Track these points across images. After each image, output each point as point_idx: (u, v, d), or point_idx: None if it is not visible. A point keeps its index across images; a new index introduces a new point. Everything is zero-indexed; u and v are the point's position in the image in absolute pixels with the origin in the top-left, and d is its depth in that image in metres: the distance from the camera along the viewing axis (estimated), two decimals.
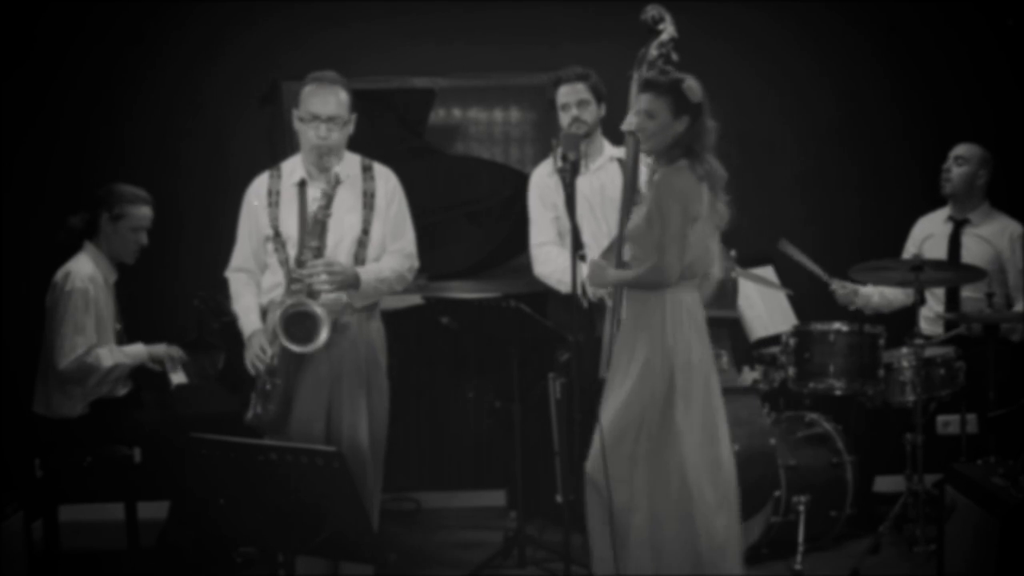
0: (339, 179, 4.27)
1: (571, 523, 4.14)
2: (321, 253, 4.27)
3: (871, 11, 6.34)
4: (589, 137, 5.02)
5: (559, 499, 5.20)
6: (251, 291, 4.46)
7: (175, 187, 6.01)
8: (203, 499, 3.95)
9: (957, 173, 5.72)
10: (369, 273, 4.34)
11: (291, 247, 4.35)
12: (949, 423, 5.48)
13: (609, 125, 5.07)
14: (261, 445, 3.86)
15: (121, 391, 5.03)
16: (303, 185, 4.37)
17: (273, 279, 4.40)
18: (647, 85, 4.14)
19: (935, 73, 6.33)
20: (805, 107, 6.39)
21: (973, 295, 5.59)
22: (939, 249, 5.75)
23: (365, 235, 4.39)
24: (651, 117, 4.09)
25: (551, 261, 4.99)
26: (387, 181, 4.45)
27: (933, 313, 5.76)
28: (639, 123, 4.12)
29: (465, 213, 5.95)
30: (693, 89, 4.12)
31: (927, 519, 5.02)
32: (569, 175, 3.87)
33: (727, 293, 4.99)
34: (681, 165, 4.11)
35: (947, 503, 4.29)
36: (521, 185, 5.28)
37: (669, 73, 4.18)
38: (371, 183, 4.42)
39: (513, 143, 6.36)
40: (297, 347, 4.23)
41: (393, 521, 5.81)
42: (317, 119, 4.28)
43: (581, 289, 4.47)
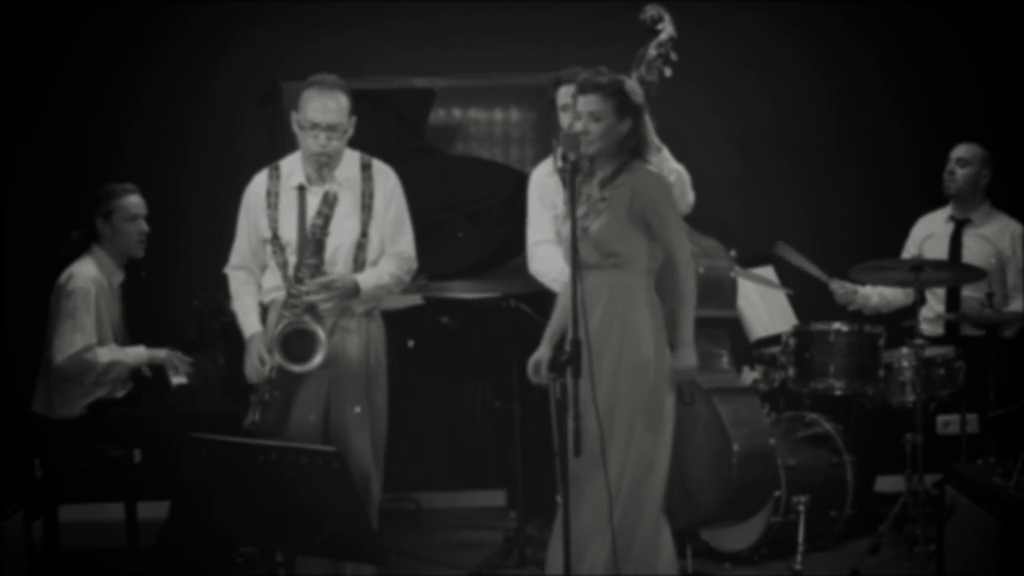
0: (336, 197, 4.27)
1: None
2: (319, 271, 4.26)
3: (869, 11, 6.34)
4: None
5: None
6: (250, 290, 4.45)
7: (176, 187, 6.02)
8: (203, 499, 3.95)
9: (961, 174, 5.72)
10: (368, 281, 4.32)
11: (290, 253, 4.34)
12: (949, 423, 5.48)
13: None
14: (261, 445, 3.86)
15: (120, 392, 5.04)
16: (302, 190, 4.35)
17: (274, 280, 4.38)
18: (590, 87, 4.02)
19: (934, 73, 6.33)
20: (804, 107, 6.40)
21: (974, 295, 5.59)
22: (940, 249, 5.75)
23: (364, 238, 4.37)
24: (596, 120, 4.01)
25: (547, 260, 4.97)
26: (386, 180, 4.42)
27: (933, 313, 5.76)
28: (583, 126, 4.01)
29: (465, 213, 5.94)
30: (635, 91, 4.10)
31: (927, 519, 5.02)
32: (570, 175, 3.86)
33: (727, 293, 4.98)
34: (639, 166, 4.12)
35: (947, 503, 4.29)
36: (521, 185, 5.27)
37: (605, 74, 4.06)
38: (370, 183, 4.39)
39: (513, 143, 6.36)
40: (295, 367, 4.23)
41: (393, 521, 5.81)
42: (317, 127, 4.25)
43: None
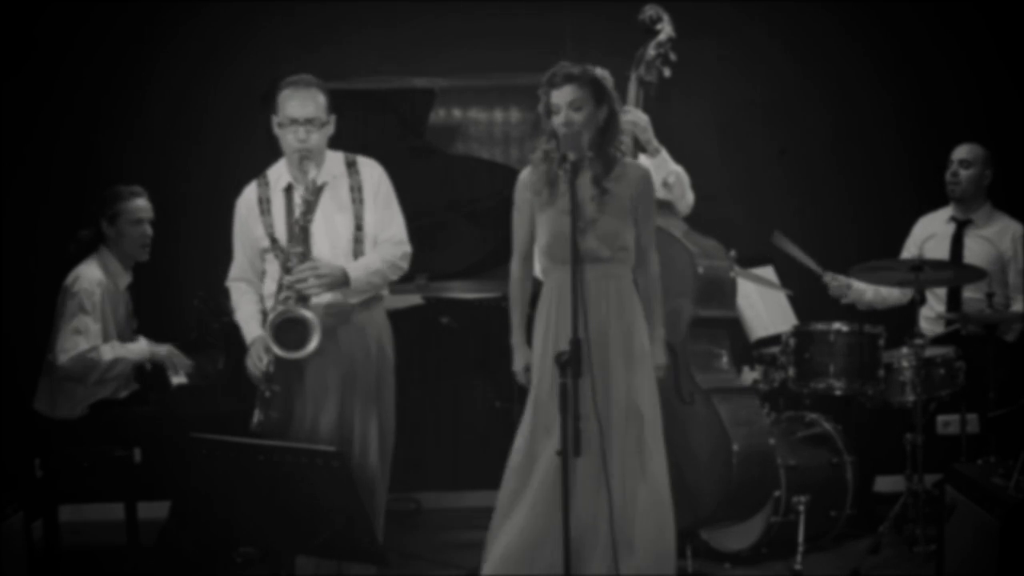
0: (316, 184, 4.26)
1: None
2: (307, 258, 4.26)
3: (867, 11, 6.34)
4: None
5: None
6: (250, 299, 4.45)
7: (177, 188, 6.02)
8: (204, 499, 3.96)
9: (965, 176, 5.71)
10: (358, 269, 4.29)
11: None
12: (949, 423, 5.47)
13: None
14: (261, 445, 3.86)
15: (123, 393, 5.04)
16: (289, 191, 4.36)
17: (273, 286, 4.37)
18: (563, 79, 4.00)
19: (933, 72, 6.34)
20: (803, 107, 6.40)
21: (974, 296, 5.59)
22: (941, 249, 5.75)
23: (359, 231, 4.36)
24: (577, 109, 4.00)
25: None
26: (372, 171, 4.41)
27: (934, 313, 5.76)
28: (565, 117, 3.99)
29: (465, 213, 5.94)
30: (607, 77, 4.09)
31: (927, 519, 5.02)
32: (570, 174, 3.85)
33: (727, 293, 4.98)
34: (630, 160, 4.15)
35: (947, 503, 4.29)
36: None
37: (575, 65, 4.03)
38: (356, 177, 4.38)
39: (513, 143, 6.37)
40: (288, 353, 4.22)
41: (393, 521, 5.79)
42: (295, 123, 4.25)
43: None
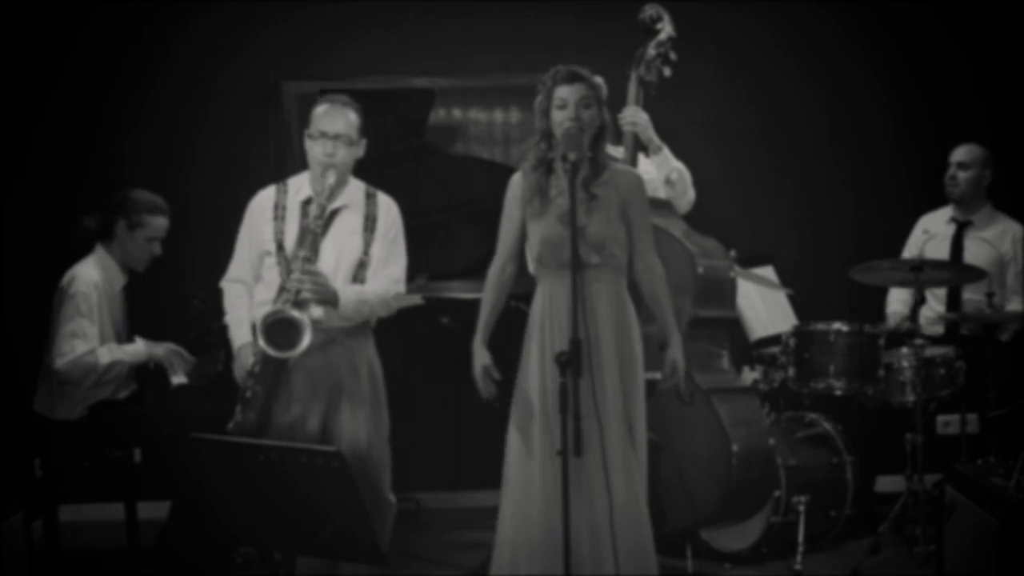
0: (332, 191, 4.28)
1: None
2: (311, 263, 4.25)
3: (865, 12, 6.34)
4: None
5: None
6: (245, 303, 4.44)
7: (177, 188, 5.99)
8: (203, 499, 3.95)
9: (964, 178, 5.71)
10: (349, 293, 4.30)
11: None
12: (949, 423, 5.47)
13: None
14: (261, 445, 3.86)
15: (122, 393, 5.02)
16: (308, 203, 4.37)
17: (267, 294, 4.35)
18: (576, 77, 3.99)
19: (932, 72, 6.33)
20: (803, 107, 6.39)
21: (974, 297, 5.59)
22: (942, 251, 5.75)
23: (366, 256, 4.38)
24: (587, 107, 4.00)
25: None
26: (388, 211, 4.45)
27: (934, 313, 5.76)
28: (573, 113, 3.98)
29: (465, 213, 5.94)
30: (603, 86, 4.10)
31: (927, 519, 5.02)
32: (570, 175, 3.85)
33: (727, 293, 4.98)
34: (618, 163, 4.15)
35: (947, 503, 4.29)
36: None
37: (580, 67, 4.04)
38: (374, 208, 4.42)
39: (513, 143, 6.36)
40: (278, 353, 4.20)
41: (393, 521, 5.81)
42: (324, 136, 4.31)
43: None
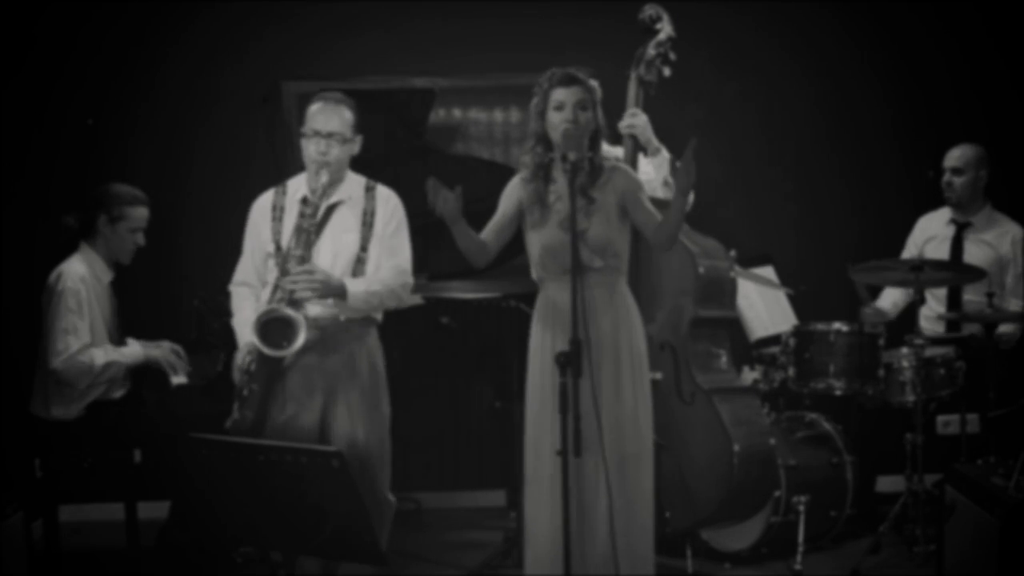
0: (327, 188, 4.29)
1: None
2: (305, 261, 4.26)
3: (865, 12, 6.34)
4: None
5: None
6: (250, 305, 4.44)
7: (177, 188, 6.02)
8: (203, 499, 3.95)
9: (959, 183, 5.71)
10: (358, 284, 4.30)
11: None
12: (949, 423, 5.47)
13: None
14: (261, 445, 3.86)
15: (117, 393, 5.00)
16: (305, 202, 4.37)
17: (269, 294, 4.37)
18: (573, 79, 4.02)
19: (931, 71, 6.33)
20: (802, 107, 6.39)
21: (974, 297, 5.59)
22: (941, 252, 5.74)
23: (363, 252, 4.38)
24: (584, 108, 4.02)
25: None
26: (387, 202, 4.45)
27: (934, 313, 5.76)
28: (571, 114, 4.00)
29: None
30: (598, 90, 4.11)
31: (927, 519, 5.02)
32: (570, 175, 3.85)
33: (727, 293, 4.98)
34: (614, 164, 4.15)
35: (947, 503, 4.29)
36: None
37: (577, 69, 4.07)
38: (372, 203, 4.42)
39: (513, 143, 6.35)
40: (273, 351, 4.21)
41: (393, 521, 5.80)
42: (318, 135, 4.31)
43: None
